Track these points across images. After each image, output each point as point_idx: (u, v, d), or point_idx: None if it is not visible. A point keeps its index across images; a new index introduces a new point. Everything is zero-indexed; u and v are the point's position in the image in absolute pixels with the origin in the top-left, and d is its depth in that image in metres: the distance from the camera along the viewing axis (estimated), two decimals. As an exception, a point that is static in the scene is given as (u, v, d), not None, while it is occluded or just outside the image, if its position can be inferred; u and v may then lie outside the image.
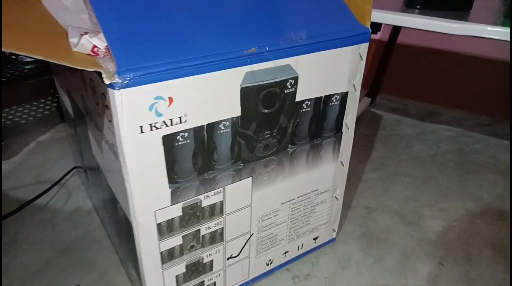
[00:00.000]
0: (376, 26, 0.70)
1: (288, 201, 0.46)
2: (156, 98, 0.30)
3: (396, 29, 0.90)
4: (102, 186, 0.47)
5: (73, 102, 0.48)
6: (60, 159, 0.74)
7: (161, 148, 0.33)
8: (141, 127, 0.31)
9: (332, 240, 0.55)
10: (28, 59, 0.88)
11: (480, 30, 0.55)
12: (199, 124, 0.34)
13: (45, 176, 0.70)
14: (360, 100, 0.93)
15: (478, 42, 0.86)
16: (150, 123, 0.31)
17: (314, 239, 0.53)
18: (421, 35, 0.93)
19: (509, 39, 0.53)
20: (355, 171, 0.71)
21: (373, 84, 0.95)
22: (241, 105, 0.35)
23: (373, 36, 0.98)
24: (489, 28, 0.54)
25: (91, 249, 0.55)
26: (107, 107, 0.31)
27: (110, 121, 0.31)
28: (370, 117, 0.90)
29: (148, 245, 0.37)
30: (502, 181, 0.69)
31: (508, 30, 0.53)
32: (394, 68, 0.97)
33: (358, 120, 0.89)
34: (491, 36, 0.53)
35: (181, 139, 0.33)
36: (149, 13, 0.30)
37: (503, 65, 0.87)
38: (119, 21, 0.28)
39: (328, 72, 0.39)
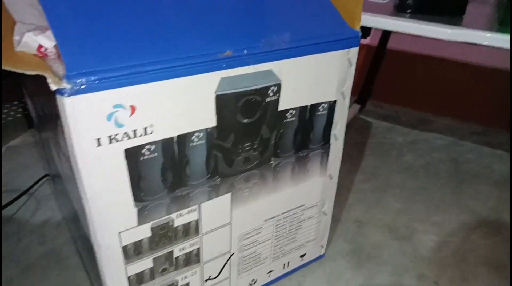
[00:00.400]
0: (365, 30, 0.67)
1: (272, 217, 0.42)
2: (115, 106, 0.26)
3: (386, 34, 0.87)
4: (67, 198, 0.43)
5: (36, 108, 0.44)
6: (31, 166, 0.69)
7: (124, 163, 0.28)
8: (98, 139, 0.27)
9: (321, 256, 0.51)
10: None
11: (475, 36, 0.52)
12: (168, 136, 0.30)
13: (13, 185, 0.65)
14: (349, 107, 0.90)
15: (470, 49, 0.84)
16: (109, 135, 0.27)
17: (301, 256, 0.49)
18: (412, 40, 0.91)
19: (506, 46, 0.50)
20: (345, 181, 0.68)
21: (362, 90, 0.92)
22: (217, 114, 0.31)
23: (363, 41, 0.95)
24: (485, 34, 0.51)
25: (58, 267, 0.50)
26: (58, 116, 0.27)
27: (63, 133, 0.27)
28: (359, 125, 0.87)
29: (113, 269, 0.33)
30: (497, 192, 0.67)
31: (505, 36, 0.50)
32: (384, 74, 0.94)
33: (348, 127, 0.85)
34: (487, 43, 0.50)
35: (147, 153, 0.29)
36: (109, 8, 0.26)
37: (497, 73, 0.85)
38: (71, 15, 0.25)
39: (315, 79, 0.36)
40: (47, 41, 0.23)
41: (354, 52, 0.37)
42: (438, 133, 0.85)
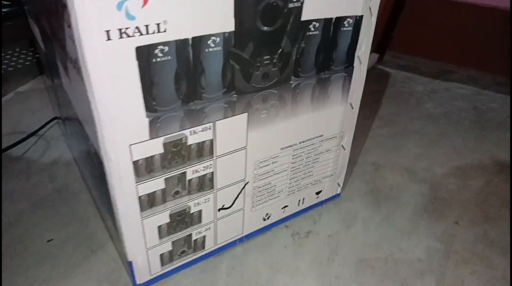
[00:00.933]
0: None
1: (289, 146, 0.40)
2: (126, -8, 0.23)
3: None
4: (77, 132, 0.41)
5: (41, 28, 0.41)
6: (40, 110, 0.68)
7: (135, 63, 0.26)
8: (107, 32, 0.24)
9: (337, 196, 0.50)
10: (4, 2, 0.80)
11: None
12: (183, 37, 0.27)
13: (22, 127, 0.63)
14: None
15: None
16: (119, 27, 0.24)
17: (317, 193, 0.47)
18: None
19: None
20: (362, 127, 0.65)
21: (381, 39, 0.88)
22: (235, 17, 0.28)
23: (384, -13, 0.90)
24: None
25: (68, 202, 0.49)
26: (65, 5, 0.24)
27: (69, 26, 0.25)
28: (378, 74, 0.84)
29: (124, 187, 0.31)
30: (521, 140, 0.64)
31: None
32: (404, 23, 0.89)
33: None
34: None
35: (160, 54, 0.27)
36: None
37: (525, 19, 0.80)
38: None
39: (342, -14, 0.32)
40: None
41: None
42: (460, 83, 0.81)
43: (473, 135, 0.64)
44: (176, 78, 0.29)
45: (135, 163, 0.31)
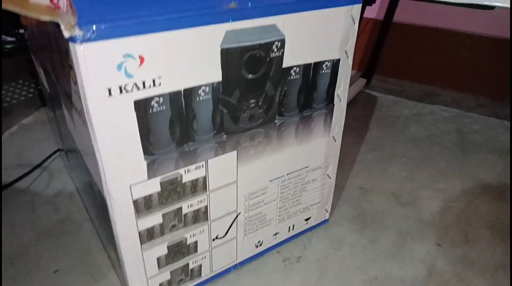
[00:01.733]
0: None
1: (277, 178, 0.43)
2: (125, 56, 0.27)
3: (392, 6, 0.87)
4: (79, 165, 0.45)
5: (47, 74, 0.45)
6: (43, 142, 0.71)
7: (134, 114, 0.30)
8: (109, 89, 0.28)
9: (325, 221, 0.53)
10: (9, 39, 0.84)
11: None
12: (176, 89, 0.31)
13: (26, 159, 0.67)
14: (355, 81, 0.91)
15: (477, 19, 0.83)
16: (120, 85, 0.28)
17: (306, 220, 0.50)
18: (418, 12, 0.90)
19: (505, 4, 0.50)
20: (349, 152, 0.68)
21: (368, 64, 0.92)
22: (222, 68, 0.32)
23: (369, 15, 0.95)
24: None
25: (72, 233, 0.52)
26: (71, 67, 0.28)
27: (76, 83, 0.28)
28: (365, 98, 0.88)
29: (125, 223, 0.34)
30: (502, 161, 0.67)
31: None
32: (390, 48, 0.94)
33: (353, 101, 0.86)
34: (493, 3, 0.50)
35: (155, 105, 0.30)
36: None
37: (503, 44, 0.84)
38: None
39: (318, 36, 0.36)
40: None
41: (357, 9, 0.37)
42: (444, 105, 0.85)
43: (455, 157, 0.68)
44: (170, 124, 0.32)
45: (135, 201, 0.34)
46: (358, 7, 0.37)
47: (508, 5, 0.50)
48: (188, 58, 0.30)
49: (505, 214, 0.55)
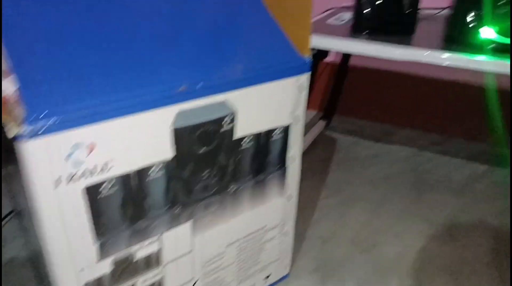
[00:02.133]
0: (324, 52, 0.70)
1: (234, 242, 0.43)
2: (74, 146, 0.27)
3: (346, 54, 0.91)
4: (31, 235, 0.43)
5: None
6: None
7: (84, 200, 0.29)
8: (57, 180, 0.27)
9: (285, 276, 0.53)
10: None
11: (419, 55, 0.56)
12: (128, 170, 0.31)
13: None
14: (315, 124, 0.93)
15: (426, 65, 0.88)
16: (68, 174, 0.28)
17: (266, 277, 0.50)
18: (372, 57, 0.95)
19: (443, 63, 0.54)
20: (311, 196, 0.70)
21: (328, 106, 0.96)
22: (174, 147, 0.33)
23: (326, 59, 0.98)
24: (427, 52, 0.55)
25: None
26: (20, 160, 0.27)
27: (22, 176, 0.28)
28: (325, 141, 0.90)
29: (75, 305, 0.33)
30: (453, 200, 0.70)
31: (443, 54, 0.54)
32: (348, 89, 0.98)
33: (313, 144, 0.88)
34: (428, 60, 0.54)
35: (106, 189, 0.30)
36: (66, 51, 0.27)
37: (451, 85, 0.90)
38: (33, 60, 0.25)
39: (268, 106, 0.37)
40: (10, 86, 0.24)
41: (304, 78, 0.39)
42: (400, 144, 0.89)
43: (410, 199, 0.70)
44: (122, 204, 0.32)
45: (85, 285, 0.33)
46: (305, 76, 0.39)
47: (437, 62, 0.55)
48: (140, 140, 0.30)
49: (456, 257, 0.58)
